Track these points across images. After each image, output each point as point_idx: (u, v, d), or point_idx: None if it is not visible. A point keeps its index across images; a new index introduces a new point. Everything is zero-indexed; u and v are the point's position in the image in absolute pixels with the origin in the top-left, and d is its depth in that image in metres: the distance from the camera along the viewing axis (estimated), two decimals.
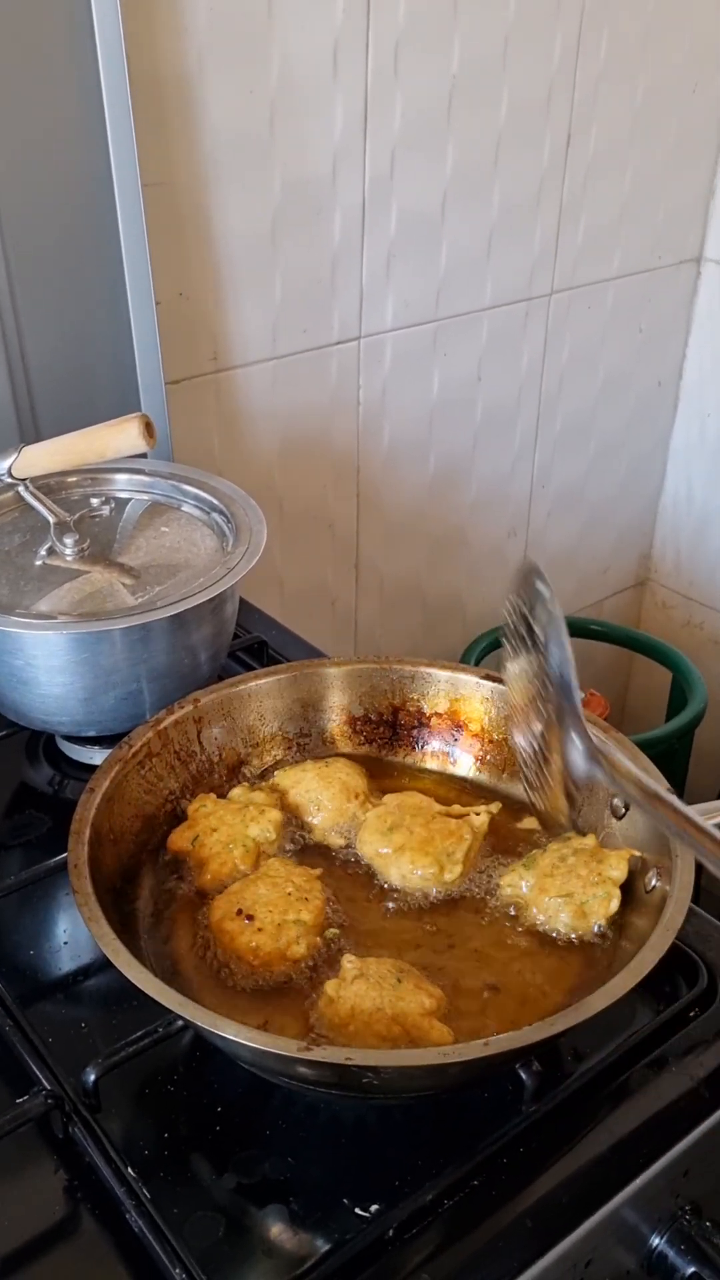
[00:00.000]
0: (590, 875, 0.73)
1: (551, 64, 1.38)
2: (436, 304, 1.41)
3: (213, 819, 0.78)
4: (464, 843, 0.77)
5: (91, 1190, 0.64)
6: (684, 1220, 0.69)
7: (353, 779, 0.82)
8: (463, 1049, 0.57)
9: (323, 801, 0.81)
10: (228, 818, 0.78)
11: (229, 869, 0.75)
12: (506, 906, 0.75)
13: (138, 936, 0.72)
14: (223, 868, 0.75)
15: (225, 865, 0.75)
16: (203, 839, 0.77)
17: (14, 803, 0.93)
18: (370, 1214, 0.62)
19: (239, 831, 0.77)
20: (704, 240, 1.71)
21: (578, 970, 0.71)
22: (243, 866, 0.75)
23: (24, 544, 0.94)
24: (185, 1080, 0.69)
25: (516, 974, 0.71)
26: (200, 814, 0.78)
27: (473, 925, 0.75)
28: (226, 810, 0.78)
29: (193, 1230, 0.62)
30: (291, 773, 0.83)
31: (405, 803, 0.80)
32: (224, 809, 0.79)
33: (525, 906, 0.74)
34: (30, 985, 0.76)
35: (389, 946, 0.73)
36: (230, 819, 0.77)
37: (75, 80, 0.97)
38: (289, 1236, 0.62)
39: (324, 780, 0.81)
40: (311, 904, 0.71)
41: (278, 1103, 0.68)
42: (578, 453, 1.73)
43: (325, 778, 0.81)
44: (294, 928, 0.70)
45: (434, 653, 1.66)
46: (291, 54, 1.14)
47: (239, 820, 0.77)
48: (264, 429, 1.31)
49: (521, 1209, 0.63)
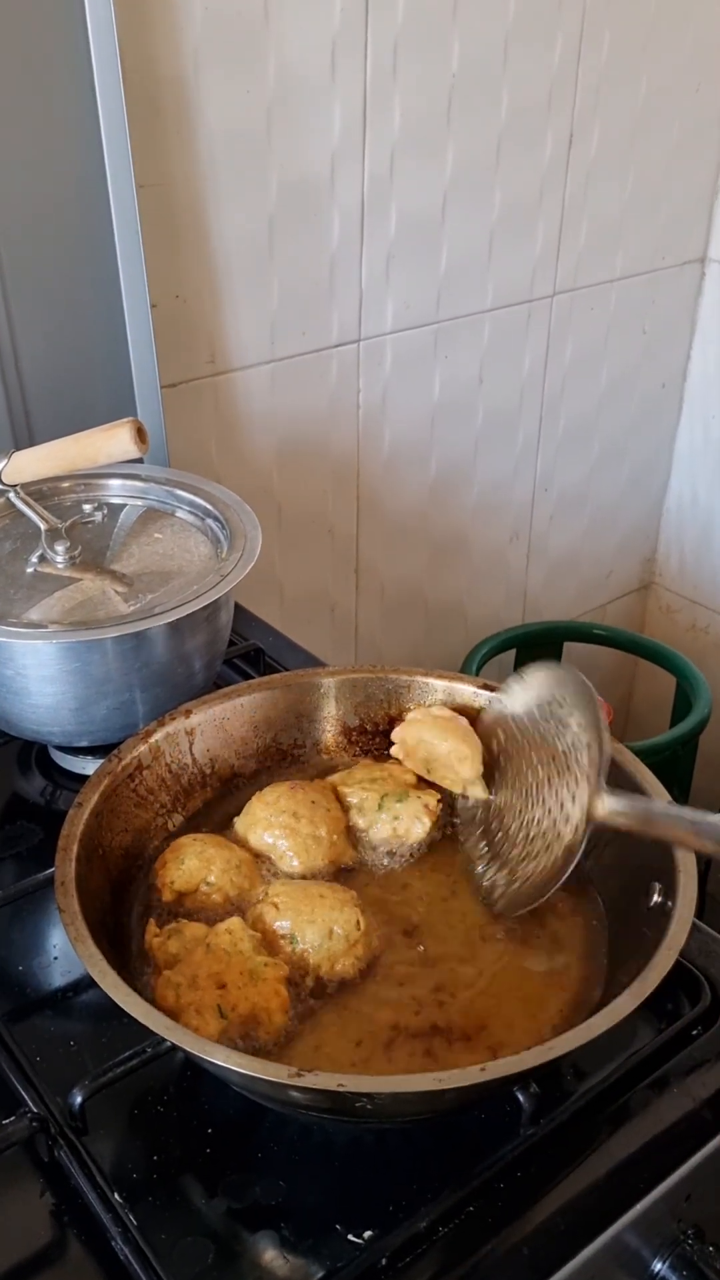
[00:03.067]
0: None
1: (553, 64, 1.36)
2: (437, 306, 1.40)
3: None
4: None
5: (77, 1215, 0.62)
6: (686, 1244, 0.67)
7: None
8: (459, 1075, 0.56)
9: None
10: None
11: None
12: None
13: (128, 953, 0.71)
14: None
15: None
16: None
17: (5, 814, 0.91)
18: (364, 1240, 0.61)
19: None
20: (708, 241, 1.70)
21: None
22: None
23: (14, 551, 0.92)
24: (175, 1101, 0.68)
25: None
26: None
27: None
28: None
29: (181, 1256, 0.60)
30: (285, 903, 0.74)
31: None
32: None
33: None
34: (19, 1001, 0.75)
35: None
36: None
37: (69, 81, 0.96)
38: (280, 1263, 0.60)
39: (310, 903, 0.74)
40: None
41: (270, 1125, 0.66)
42: (581, 456, 1.71)
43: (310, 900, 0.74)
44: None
45: (435, 659, 1.64)
46: (289, 54, 1.13)
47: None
48: (262, 433, 1.30)
49: (519, 1236, 0.61)
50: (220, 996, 0.64)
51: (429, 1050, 0.66)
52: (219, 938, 0.68)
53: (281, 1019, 0.66)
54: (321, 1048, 0.66)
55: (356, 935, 0.70)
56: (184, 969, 0.66)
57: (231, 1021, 0.64)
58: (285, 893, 0.72)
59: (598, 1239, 0.62)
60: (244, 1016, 0.64)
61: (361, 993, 0.70)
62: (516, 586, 1.75)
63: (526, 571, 1.74)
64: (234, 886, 0.74)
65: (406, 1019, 0.68)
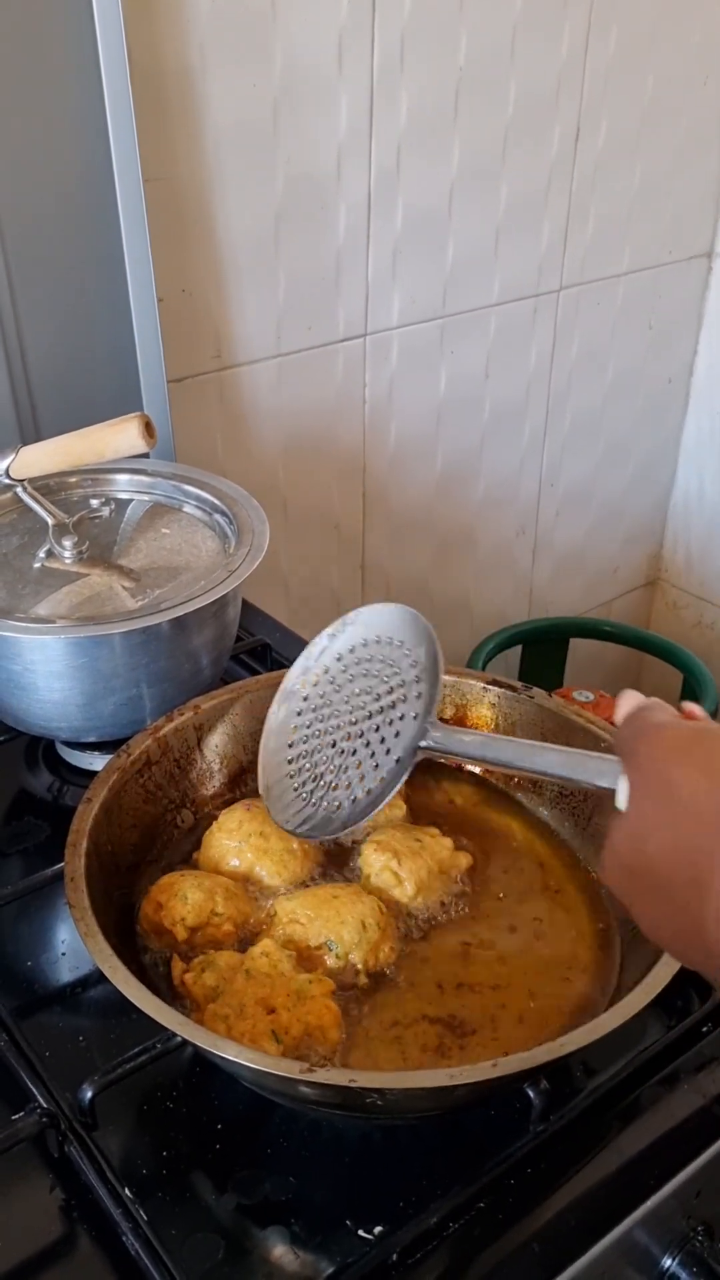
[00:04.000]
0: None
1: (560, 57, 1.36)
2: (443, 300, 1.39)
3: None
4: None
5: (88, 1210, 0.62)
6: (696, 1241, 0.67)
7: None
8: (470, 1071, 0.55)
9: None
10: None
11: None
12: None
13: (138, 949, 0.71)
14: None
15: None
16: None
17: (12, 809, 0.91)
18: (374, 1236, 0.61)
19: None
20: (715, 235, 1.69)
21: None
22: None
23: (22, 546, 0.92)
24: (185, 1097, 0.68)
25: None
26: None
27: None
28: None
29: (191, 1252, 0.60)
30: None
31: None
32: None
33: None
34: (28, 997, 0.74)
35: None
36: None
37: (76, 74, 0.95)
38: (290, 1259, 0.60)
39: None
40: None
41: (279, 1121, 0.66)
42: (587, 451, 1.71)
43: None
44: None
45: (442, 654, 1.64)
46: (295, 47, 1.13)
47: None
48: (268, 428, 1.30)
49: (530, 1232, 0.61)
50: (272, 1021, 0.64)
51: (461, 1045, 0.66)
52: (256, 962, 0.67)
53: (336, 1034, 0.65)
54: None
55: (385, 920, 0.70)
56: (229, 999, 0.64)
57: (287, 1045, 0.63)
58: (302, 906, 0.71)
59: (608, 1236, 0.62)
60: (298, 1038, 0.64)
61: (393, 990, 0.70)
62: (522, 582, 1.74)
63: (532, 567, 1.74)
64: (239, 913, 0.73)
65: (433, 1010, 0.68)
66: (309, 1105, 0.63)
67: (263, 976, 0.66)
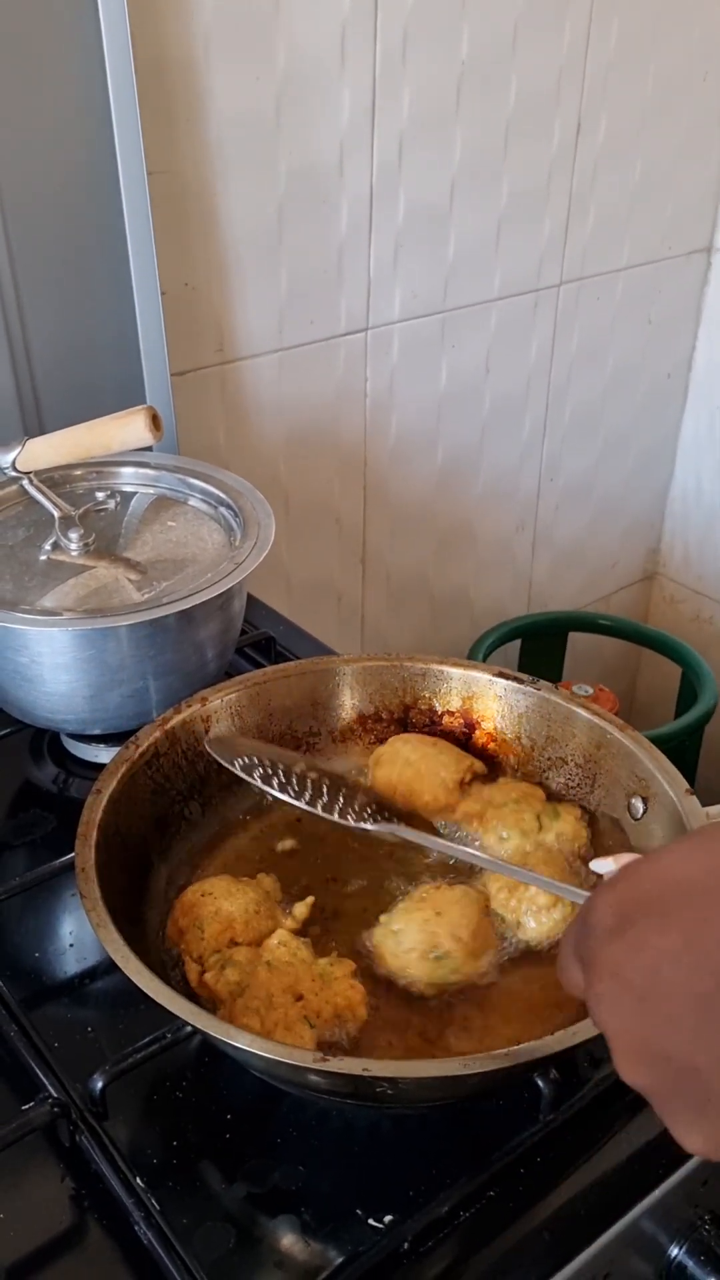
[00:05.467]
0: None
1: (561, 51, 1.36)
2: (444, 295, 1.39)
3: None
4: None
5: (99, 1199, 0.62)
6: (704, 1230, 0.67)
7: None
8: (483, 1059, 0.56)
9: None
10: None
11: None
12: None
13: (146, 940, 0.71)
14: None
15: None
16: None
17: (18, 801, 0.91)
18: (384, 1225, 0.61)
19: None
20: (714, 230, 1.69)
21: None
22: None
23: (28, 539, 0.92)
24: (194, 1086, 0.68)
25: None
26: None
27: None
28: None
29: (202, 1241, 0.60)
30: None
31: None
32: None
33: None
34: (36, 988, 0.75)
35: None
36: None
37: (79, 66, 0.95)
38: (301, 1248, 0.60)
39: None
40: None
41: (289, 1110, 0.67)
42: (586, 445, 1.71)
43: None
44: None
45: (441, 648, 1.64)
46: (298, 40, 1.13)
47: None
48: (270, 422, 1.30)
49: (539, 1221, 0.61)
50: (302, 1008, 0.64)
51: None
52: (275, 953, 0.67)
53: (364, 1011, 0.66)
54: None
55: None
56: (255, 993, 0.65)
57: (320, 1029, 0.64)
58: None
59: (616, 1225, 0.62)
60: (329, 1020, 0.65)
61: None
62: (522, 576, 1.75)
63: (532, 561, 1.74)
64: (258, 935, 0.72)
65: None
66: (320, 1094, 0.63)
67: (284, 966, 0.66)
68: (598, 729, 0.79)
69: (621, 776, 0.77)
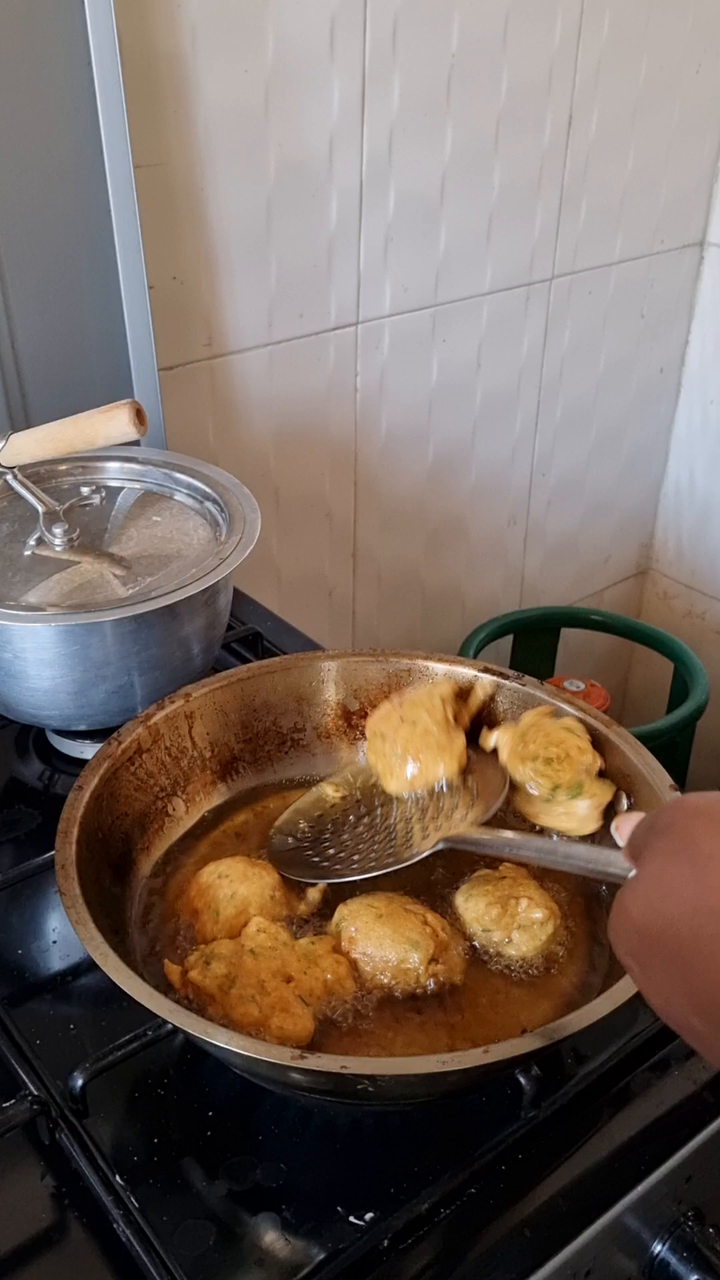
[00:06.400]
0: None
1: (553, 44, 1.35)
2: (435, 289, 1.39)
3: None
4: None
5: (79, 1198, 0.62)
6: (686, 1226, 0.67)
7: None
8: (461, 1057, 0.55)
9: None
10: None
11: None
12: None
13: (129, 937, 0.71)
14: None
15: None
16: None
17: (3, 797, 0.91)
18: (365, 1222, 0.61)
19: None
20: (707, 224, 1.69)
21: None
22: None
23: (12, 534, 0.92)
24: (176, 1084, 0.68)
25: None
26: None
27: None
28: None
29: (182, 1239, 0.60)
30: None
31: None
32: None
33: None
34: (18, 985, 0.74)
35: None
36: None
37: (66, 59, 0.95)
38: (282, 1245, 0.60)
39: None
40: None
41: (270, 1107, 0.66)
42: (578, 440, 1.71)
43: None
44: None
45: (432, 643, 1.64)
46: (287, 32, 1.12)
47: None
48: (259, 416, 1.29)
49: (521, 1217, 0.61)
50: (295, 988, 0.65)
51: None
52: (256, 939, 0.68)
53: (352, 984, 0.67)
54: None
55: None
56: (245, 982, 0.65)
57: (315, 1006, 0.65)
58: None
59: (598, 1221, 0.62)
60: (322, 997, 0.66)
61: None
62: (514, 571, 1.74)
63: (524, 556, 1.74)
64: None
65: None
66: (300, 1092, 0.63)
67: (268, 951, 0.67)
68: (583, 723, 0.79)
69: (607, 772, 0.77)
